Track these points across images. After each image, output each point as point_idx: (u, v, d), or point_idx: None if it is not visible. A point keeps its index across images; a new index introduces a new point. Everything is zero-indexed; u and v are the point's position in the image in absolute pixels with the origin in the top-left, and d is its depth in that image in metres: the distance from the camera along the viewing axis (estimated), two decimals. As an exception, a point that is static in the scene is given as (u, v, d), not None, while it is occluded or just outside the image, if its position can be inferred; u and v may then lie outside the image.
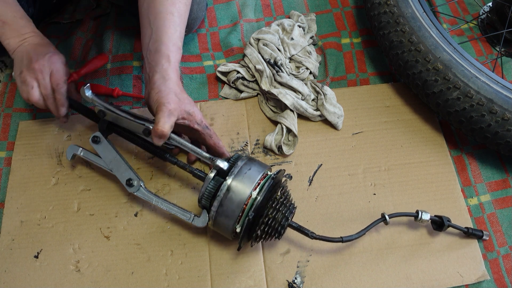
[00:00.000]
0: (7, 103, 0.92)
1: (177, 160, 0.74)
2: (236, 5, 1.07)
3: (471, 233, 0.76)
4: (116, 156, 0.75)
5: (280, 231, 0.67)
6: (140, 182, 0.74)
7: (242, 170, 0.66)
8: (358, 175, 0.83)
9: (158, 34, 0.69)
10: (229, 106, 0.90)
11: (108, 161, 0.75)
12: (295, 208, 0.69)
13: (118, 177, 0.74)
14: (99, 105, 0.74)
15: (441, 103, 0.79)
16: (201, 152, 0.71)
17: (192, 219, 0.71)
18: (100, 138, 0.75)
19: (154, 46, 0.69)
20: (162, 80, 0.68)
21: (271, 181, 0.65)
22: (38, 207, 0.80)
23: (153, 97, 0.67)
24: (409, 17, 0.83)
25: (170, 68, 0.69)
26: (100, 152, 0.75)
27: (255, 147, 0.86)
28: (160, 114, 0.65)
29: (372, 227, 0.72)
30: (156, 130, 0.65)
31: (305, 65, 0.93)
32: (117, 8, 1.05)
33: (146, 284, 0.73)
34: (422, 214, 0.73)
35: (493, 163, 0.86)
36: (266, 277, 0.74)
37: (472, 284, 0.74)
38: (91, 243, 0.77)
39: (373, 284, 0.73)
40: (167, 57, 0.69)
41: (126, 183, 0.73)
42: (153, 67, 0.69)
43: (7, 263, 0.75)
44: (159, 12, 0.70)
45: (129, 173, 0.74)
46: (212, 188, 0.66)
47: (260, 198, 0.64)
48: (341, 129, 0.88)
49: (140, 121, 0.71)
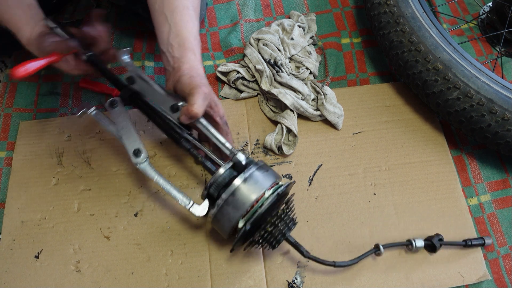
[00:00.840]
0: (7, 103, 0.92)
1: (190, 147, 0.71)
2: (236, 5, 1.07)
3: (470, 245, 0.75)
4: (129, 124, 0.71)
5: (274, 245, 0.66)
6: (147, 156, 0.70)
7: (262, 168, 0.65)
8: (358, 175, 0.83)
9: (178, 29, 0.70)
10: (229, 106, 0.90)
11: (120, 128, 0.71)
12: (295, 224, 0.68)
13: (125, 145, 0.70)
14: (132, 71, 0.72)
15: (441, 103, 0.79)
16: (225, 141, 0.69)
17: (190, 206, 0.67)
18: (118, 102, 0.73)
19: (176, 41, 0.70)
20: (193, 69, 0.69)
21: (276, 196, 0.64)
22: (39, 207, 0.80)
23: (185, 81, 0.67)
24: (409, 17, 0.83)
25: (197, 60, 0.70)
26: (114, 116, 0.72)
27: (255, 147, 0.86)
28: (196, 96, 0.65)
29: (366, 256, 0.73)
30: (191, 110, 0.64)
31: (305, 65, 0.93)
32: (117, 8, 1.06)
33: (146, 284, 0.73)
34: (415, 242, 0.74)
35: (493, 163, 0.86)
36: (266, 277, 0.74)
37: (473, 284, 0.75)
38: (91, 243, 0.77)
39: (373, 284, 0.73)
40: (192, 50, 0.70)
41: (133, 153, 0.69)
42: (179, 59, 0.69)
43: (7, 263, 0.75)
44: (176, 7, 0.70)
45: (138, 144, 0.70)
46: (224, 178, 0.65)
47: (261, 211, 0.62)
48: (341, 129, 0.88)
49: (170, 95, 0.70)
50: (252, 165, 0.65)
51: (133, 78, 0.72)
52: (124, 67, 0.73)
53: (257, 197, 0.63)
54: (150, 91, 0.72)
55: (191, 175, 0.83)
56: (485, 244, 0.76)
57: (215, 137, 0.69)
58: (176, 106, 0.69)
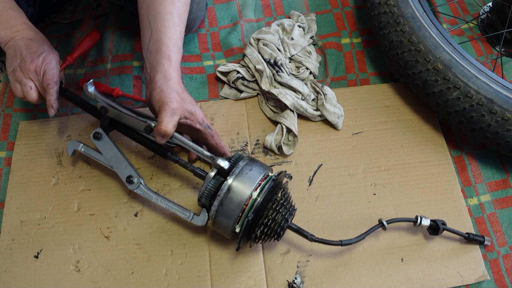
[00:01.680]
0: (7, 103, 0.92)
1: (178, 159, 0.74)
2: (236, 5, 1.07)
3: (472, 239, 0.75)
4: (117, 152, 0.75)
5: (279, 232, 0.67)
6: (141, 179, 0.74)
7: (243, 171, 0.66)
8: (358, 175, 0.83)
9: (158, 35, 0.69)
10: (229, 106, 0.90)
11: (109, 158, 0.75)
12: (295, 210, 0.69)
13: (118, 173, 0.74)
14: (102, 102, 0.73)
15: (441, 103, 0.79)
16: (202, 150, 0.71)
17: (191, 217, 0.71)
18: (101, 134, 0.75)
19: (154, 47, 0.69)
20: (164, 80, 0.68)
21: (272, 182, 0.65)
22: (38, 207, 0.80)
23: (155, 96, 0.67)
24: (409, 17, 0.83)
25: (172, 68, 0.69)
26: (101, 148, 0.75)
27: (255, 147, 0.86)
28: (163, 114, 0.65)
29: (371, 232, 0.72)
30: (160, 129, 0.65)
31: (305, 65, 0.93)
32: (117, 8, 1.05)
33: (146, 284, 0.73)
34: (422, 220, 0.73)
35: (493, 163, 0.86)
36: (266, 277, 0.74)
37: (472, 284, 0.74)
38: (91, 243, 0.76)
39: (373, 284, 0.73)
40: (168, 57, 0.69)
41: (126, 180, 0.73)
42: (154, 67, 0.69)
43: (7, 263, 0.75)
44: (159, 12, 0.70)
45: (129, 170, 0.74)
46: (212, 187, 0.66)
47: (260, 199, 0.64)
48: (341, 129, 0.88)
49: (142, 118, 0.71)
50: (240, 162, 0.67)
51: (105, 108, 0.74)
52: (93, 98, 0.74)
53: (251, 190, 0.64)
54: (123, 117, 0.73)
55: (191, 175, 0.83)
56: (484, 242, 0.76)
57: (192, 148, 0.71)
58: (150, 128, 0.70)
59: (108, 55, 0.97)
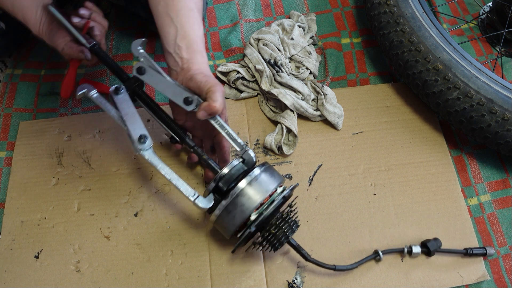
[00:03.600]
0: (7, 103, 0.92)
1: (194, 145, 0.72)
2: (236, 5, 1.07)
3: (471, 254, 0.74)
4: (134, 111, 0.69)
5: (277, 247, 0.66)
6: (152, 143, 0.68)
7: (261, 176, 0.64)
8: (358, 175, 0.83)
9: (184, 31, 0.70)
10: (229, 106, 0.90)
11: (124, 113, 0.68)
12: (298, 226, 0.68)
13: (129, 131, 0.67)
14: (144, 62, 0.70)
15: (441, 103, 0.79)
16: (236, 137, 0.69)
17: (195, 198, 0.65)
18: (123, 90, 0.70)
19: (183, 42, 0.70)
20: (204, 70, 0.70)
21: (282, 199, 0.64)
22: (38, 207, 0.80)
23: (200, 79, 0.67)
24: (409, 17, 0.83)
25: (205, 62, 0.71)
26: (119, 103, 0.69)
27: (255, 147, 0.86)
28: (218, 94, 0.65)
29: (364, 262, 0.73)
30: (213, 106, 0.65)
31: (305, 65, 0.93)
32: (117, 8, 1.05)
33: (146, 284, 0.73)
34: (412, 248, 0.74)
35: (493, 163, 0.86)
36: (266, 277, 0.74)
37: (472, 284, 0.75)
38: (91, 243, 0.77)
39: (373, 285, 0.73)
40: (201, 53, 0.71)
41: (138, 139, 0.66)
42: (189, 60, 0.70)
43: (7, 263, 0.75)
44: (180, 8, 0.71)
45: (143, 130, 0.67)
46: (235, 172, 0.65)
47: (266, 214, 0.63)
48: (341, 129, 0.88)
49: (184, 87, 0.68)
50: (258, 167, 0.66)
51: (143, 68, 0.70)
52: (137, 57, 0.71)
53: (262, 199, 0.63)
54: (161, 83, 0.70)
55: (191, 175, 0.83)
56: (486, 254, 0.74)
57: (228, 133, 0.69)
58: (191, 99, 0.68)
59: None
